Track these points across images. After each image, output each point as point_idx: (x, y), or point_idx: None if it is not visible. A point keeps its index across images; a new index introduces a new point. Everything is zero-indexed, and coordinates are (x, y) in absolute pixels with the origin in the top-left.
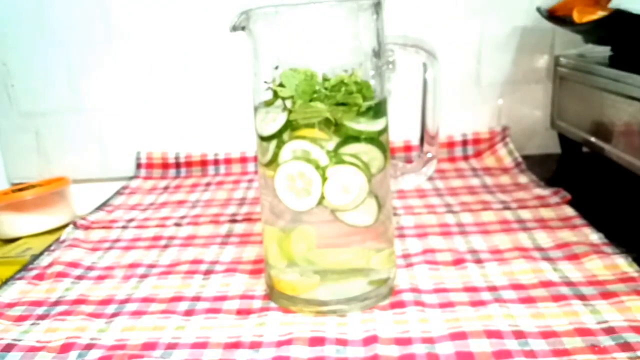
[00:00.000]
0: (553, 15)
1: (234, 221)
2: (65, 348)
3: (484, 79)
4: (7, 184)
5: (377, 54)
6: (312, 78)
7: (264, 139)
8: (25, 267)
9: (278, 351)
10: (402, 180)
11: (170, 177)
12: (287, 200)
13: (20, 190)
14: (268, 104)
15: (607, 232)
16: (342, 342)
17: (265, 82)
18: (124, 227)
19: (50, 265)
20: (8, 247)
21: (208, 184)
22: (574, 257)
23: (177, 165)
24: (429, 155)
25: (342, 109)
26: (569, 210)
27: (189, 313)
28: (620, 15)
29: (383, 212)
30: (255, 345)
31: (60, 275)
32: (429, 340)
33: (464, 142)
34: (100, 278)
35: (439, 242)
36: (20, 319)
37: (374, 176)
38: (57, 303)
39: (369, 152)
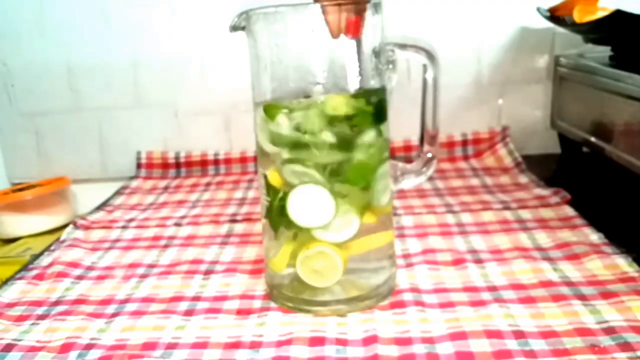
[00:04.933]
0: (553, 15)
1: (234, 221)
2: (65, 348)
3: (484, 79)
4: (7, 184)
5: (377, 54)
6: None
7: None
8: (25, 267)
9: (278, 351)
10: (402, 180)
11: (170, 177)
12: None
13: (20, 190)
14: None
15: (607, 232)
16: (342, 342)
17: None
18: (124, 227)
19: (50, 265)
20: (8, 247)
21: (208, 184)
22: (574, 257)
23: (177, 165)
24: (429, 155)
25: None
26: (569, 210)
27: (189, 313)
28: (620, 15)
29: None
30: (255, 345)
31: (60, 275)
32: (429, 340)
33: (464, 142)
34: (100, 278)
35: (439, 242)
36: (20, 319)
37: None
38: (57, 303)
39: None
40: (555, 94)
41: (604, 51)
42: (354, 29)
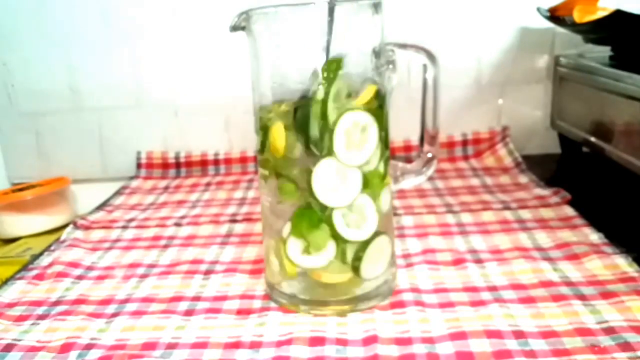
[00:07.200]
0: (553, 15)
1: (234, 221)
2: (65, 348)
3: (484, 79)
4: (7, 184)
5: (377, 53)
6: None
7: None
8: (25, 267)
9: (278, 351)
10: (402, 180)
11: (170, 177)
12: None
13: (20, 190)
14: None
15: (607, 232)
16: (342, 342)
17: None
18: (124, 227)
19: (50, 265)
20: (8, 247)
21: (208, 184)
22: (574, 257)
23: (177, 165)
24: (429, 155)
25: None
26: (569, 210)
27: (189, 313)
28: (620, 15)
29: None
30: (255, 345)
31: (60, 275)
32: (429, 340)
33: (464, 142)
34: (100, 278)
35: (439, 242)
36: (20, 319)
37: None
38: (57, 303)
39: None
40: (555, 94)
41: (604, 51)
42: None
